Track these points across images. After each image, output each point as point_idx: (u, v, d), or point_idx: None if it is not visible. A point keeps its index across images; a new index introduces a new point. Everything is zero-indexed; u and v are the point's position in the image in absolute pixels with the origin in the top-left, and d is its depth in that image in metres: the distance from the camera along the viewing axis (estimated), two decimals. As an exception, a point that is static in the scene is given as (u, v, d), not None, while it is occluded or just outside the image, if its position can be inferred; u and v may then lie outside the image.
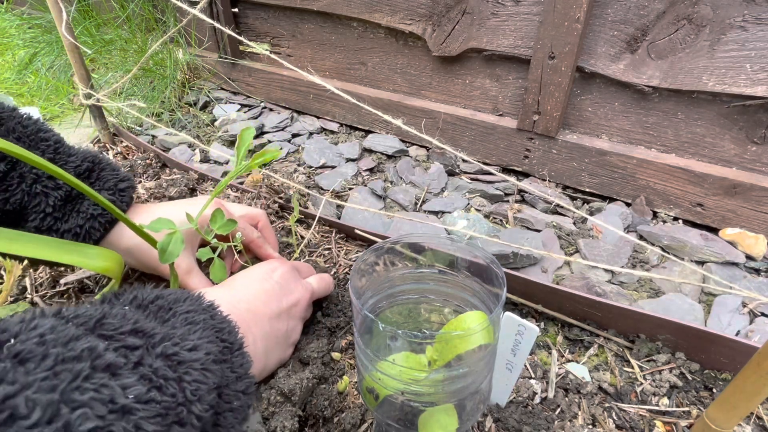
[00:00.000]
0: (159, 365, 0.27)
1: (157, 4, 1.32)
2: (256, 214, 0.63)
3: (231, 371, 0.34)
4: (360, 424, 0.46)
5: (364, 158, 1.01)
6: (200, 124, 1.15)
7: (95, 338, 0.25)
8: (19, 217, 0.50)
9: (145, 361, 0.26)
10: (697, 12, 0.67)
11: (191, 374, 0.29)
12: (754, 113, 0.69)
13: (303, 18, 1.11)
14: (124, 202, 0.56)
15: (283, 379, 0.45)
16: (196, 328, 0.33)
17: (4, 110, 0.50)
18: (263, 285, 0.49)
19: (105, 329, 0.27)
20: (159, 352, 0.28)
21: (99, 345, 0.24)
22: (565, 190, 0.89)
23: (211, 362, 0.31)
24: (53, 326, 0.24)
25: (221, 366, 0.33)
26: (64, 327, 0.24)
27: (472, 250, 0.41)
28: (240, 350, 0.36)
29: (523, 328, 0.40)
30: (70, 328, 0.24)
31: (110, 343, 0.26)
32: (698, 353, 0.52)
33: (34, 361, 0.21)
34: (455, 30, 0.88)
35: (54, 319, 0.25)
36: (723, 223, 0.75)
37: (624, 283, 0.67)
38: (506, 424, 0.46)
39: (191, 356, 0.29)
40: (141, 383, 0.25)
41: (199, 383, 0.29)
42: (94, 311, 0.28)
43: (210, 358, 0.31)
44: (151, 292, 0.35)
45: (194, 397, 0.28)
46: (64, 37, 0.85)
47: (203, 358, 0.30)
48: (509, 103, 0.90)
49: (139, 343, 0.27)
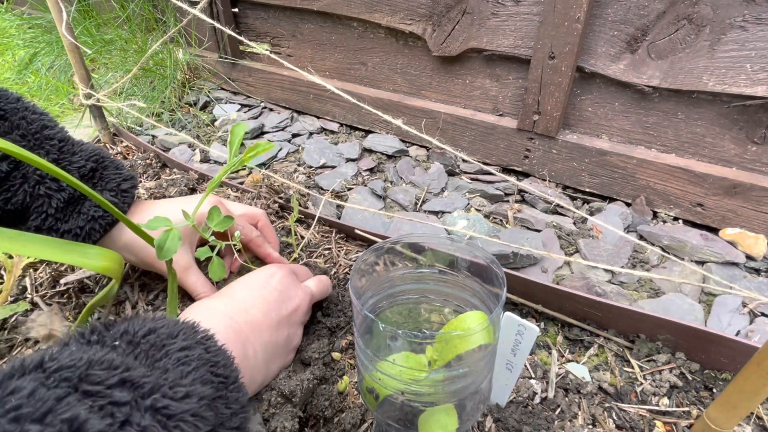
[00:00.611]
0: (147, 423, 0.25)
1: (157, 4, 1.32)
2: (256, 213, 0.63)
3: (226, 407, 0.33)
4: (360, 424, 0.46)
5: (364, 158, 1.01)
6: (200, 124, 1.15)
7: (78, 399, 0.23)
8: (21, 217, 0.50)
9: (133, 419, 0.25)
10: (697, 12, 0.67)
11: (182, 428, 0.27)
12: (754, 113, 0.69)
13: (303, 18, 1.11)
14: (126, 202, 0.56)
15: (283, 380, 0.45)
16: (189, 369, 0.31)
17: (10, 101, 0.49)
18: (262, 293, 0.48)
19: (90, 383, 0.25)
20: (148, 405, 0.26)
21: (80, 413, 0.22)
22: (565, 190, 0.89)
23: (205, 408, 0.30)
24: (32, 391, 0.22)
25: (216, 405, 0.32)
26: (43, 392, 0.23)
27: (472, 250, 0.41)
28: (235, 383, 0.35)
29: (523, 328, 0.40)
30: (51, 392, 0.23)
31: (95, 400, 0.24)
32: (698, 353, 0.52)
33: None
34: (455, 30, 0.88)
35: (33, 378, 0.23)
36: (723, 223, 0.75)
37: (624, 283, 0.67)
38: (506, 424, 0.46)
39: (183, 407, 0.28)
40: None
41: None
42: (79, 360, 0.26)
43: (204, 403, 0.30)
44: (144, 324, 0.33)
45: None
46: (64, 37, 0.85)
47: (195, 407, 0.29)
48: (509, 103, 0.90)
49: (126, 399, 0.25)
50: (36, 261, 0.65)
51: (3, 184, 0.48)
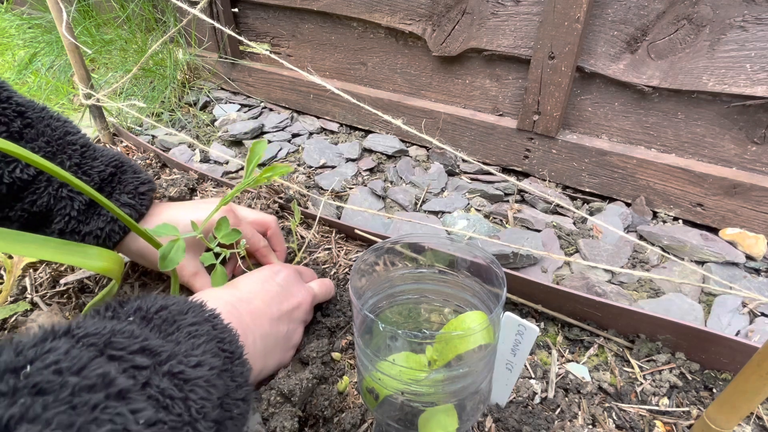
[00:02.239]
0: (166, 385, 0.27)
1: (157, 4, 1.32)
2: (267, 220, 0.62)
3: (231, 380, 0.35)
4: (360, 424, 0.46)
5: (364, 158, 1.01)
6: (200, 124, 1.15)
7: (106, 361, 0.26)
8: (45, 219, 0.51)
9: (153, 381, 0.27)
10: (697, 12, 0.67)
11: (197, 392, 0.29)
12: (754, 113, 0.69)
13: (303, 18, 1.11)
14: (143, 205, 0.56)
15: (283, 379, 0.45)
16: (199, 342, 0.33)
17: (36, 110, 0.51)
18: (265, 286, 0.49)
19: (114, 348, 0.27)
20: (165, 371, 0.28)
21: (111, 370, 0.25)
22: (565, 190, 0.89)
23: (215, 376, 0.32)
24: (67, 350, 0.24)
25: (223, 377, 0.33)
26: (77, 351, 0.25)
27: (472, 250, 0.41)
28: (240, 359, 0.36)
29: (523, 328, 0.40)
30: (83, 352, 0.25)
31: (120, 363, 0.26)
32: (698, 353, 0.52)
33: (52, 394, 0.21)
34: (455, 30, 0.88)
35: (66, 341, 0.25)
36: (723, 223, 0.75)
37: (624, 283, 0.67)
38: (506, 424, 0.46)
39: (196, 373, 0.30)
40: (149, 405, 0.25)
41: (204, 400, 0.29)
42: (103, 329, 0.28)
43: (214, 372, 0.32)
44: (155, 301, 0.35)
45: (199, 416, 0.29)
46: (64, 37, 0.85)
47: (207, 374, 0.31)
48: (509, 103, 0.90)
49: (146, 363, 0.27)
50: (36, 261, 0.65)
51: (29, 187, 0.49)
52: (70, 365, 0.23)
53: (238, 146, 1.08)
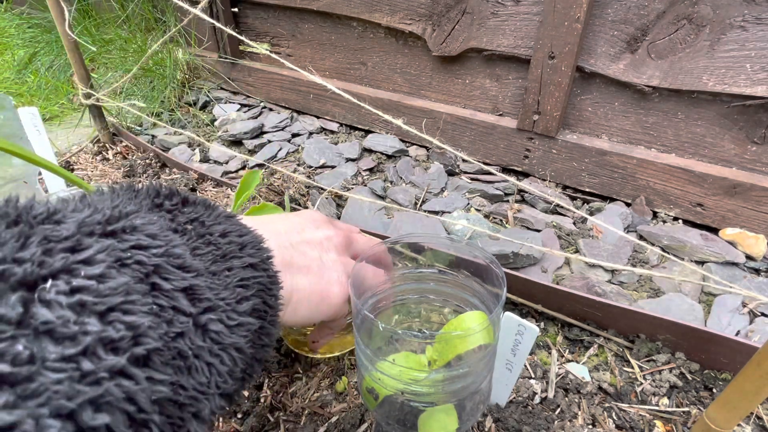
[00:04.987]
0: (200, 343, 0.23)
1: (157, 3, 1.32)
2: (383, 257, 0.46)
3: (260, 339, 0.30)
4: (360, 424, 0.46)
5: (364, 158, 1.01)
6: (200, 123, 1.15)
7: (143, 295, 0.20)
8: None
9: (189, 333, 0.22)
10: (697, 12, 0.67)
11: (223, 360, 0.24)
12: (754, 113, 0.69)
13: (303, 18, 1.11)
14: None
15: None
16: (247, 294, 0.28)
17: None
18: (290, 219, 0.41)
19: (161, 277, 0.22)
20: (202, 324, 0.23)
21: (144, 322, 0.19)
22: (565, 190, 0.89)
23: (249, 344, 0.27)
24: (103, 274, 0.19)
25: (254, 339, 0.29)
26: (114, 274, 0.20)
27: (472, 250, 0.41)
28: (275, 316, 0.31)
29: (523, 328, 0.40)
30: (121, 278, 0.20)
31: (159, 299, 0.21)
32: (698, 353, 0.52)
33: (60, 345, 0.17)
34: (455, 30, 0.88)
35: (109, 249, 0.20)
36: (723, 223, 0.75)
37: (624, 283, 0.67)
38: (506, 424, 0.46)
39: (232, 338, 0.25)
40: (174, 364, 0.21)
41: (229, 372, 0.25)
42: (158, 247, 0.23)
43: (249, 338, 0.27)
44: (218, 221, 0.29)
45: (218, 390, 0.24)
46: (65, 36, 0.85)
47: (242, 342, 0.26)
48: (509, 103, 0.90)
49: (189, 310, 0.23)
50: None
51: None
52: (97, 302, 0.18)
53: (238, 146, 1.08)
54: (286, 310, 0.34)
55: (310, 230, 0.40)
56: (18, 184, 0.69)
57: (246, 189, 0.52)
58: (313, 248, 0.39)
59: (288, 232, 0.38)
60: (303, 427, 0.47)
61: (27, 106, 0.76)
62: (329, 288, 0.37)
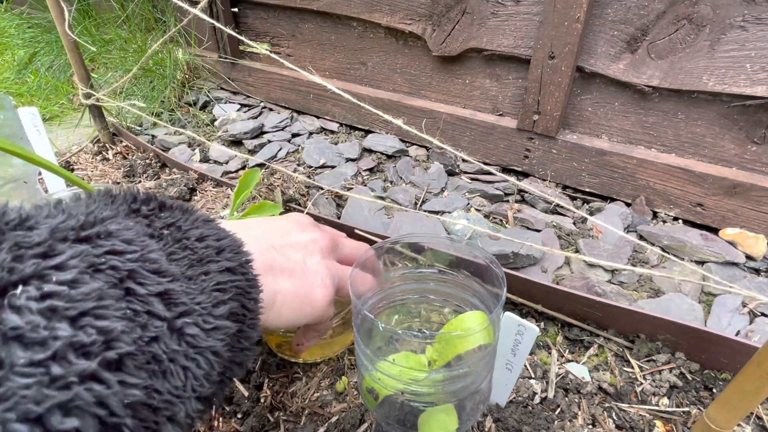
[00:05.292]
0: (174, 347, 0.23)
1: (157, 3, 1.32)
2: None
3: (239, 342, 0.29)
4: (360, 424, 0.46)
5: (364, 158, 1.01)
6: (200, 123, 1.15)
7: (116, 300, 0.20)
8: None
9: (163, 337, 0.22)
10: (697, 12, 0.67)
11: (199, 363, 0.24)
12: (754, 113, 0.69)
13: (303, 18, 1.11)
14: None
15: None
16: (224, 298, 0.28)
17: None
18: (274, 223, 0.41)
19: (136, 282, 0.22)
20: (178, 328, 0.23)
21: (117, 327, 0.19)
22: (565, 190, 0.89)
23: (227, 348, 0.27)
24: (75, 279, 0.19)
25: (233, 342, 0.29)
26: (87, 279, 0.20)
27: (472, 250, 0.41)
28: (254, 320, 0.31)
29: (523, 328, 0.40)
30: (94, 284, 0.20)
31: (133, 304, 0.21)
32: (698, 353, 0.52)
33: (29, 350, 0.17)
34: (455, 30, 0.88)
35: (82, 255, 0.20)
36: (723, 223, 0.75)
37: (624, 283, 0.67)
38: (506, 424, 0.46)
39: (208, 342, 0.25)
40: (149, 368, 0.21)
41: (206, 376, 0.25)
42: (133, 252, 0.23)
43: (226, 341, 0.27)
44: (195, 225, 0.29)
45: (194, 393, 0.24)
46: (65, 36, 0.85)
47: (218, 345, 0.26)
48: (509, 103, 0.90)
49: (164, 314, 0.23)
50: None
51: None
52: (67, 307, 0.18)
53: (238, 146, 1.08)
54: (269, 313, 0.34)
55: (295, 233, 0.40)
56: (18, 184, 0.69)
57: (245, 188, 0.52)
58: (297, 251, 0.39)
59: (270, 236, 0.38)
60: (303, 427, 0.47)
61: (27, 106, 0.76)
62: (313, 291, 0.37)
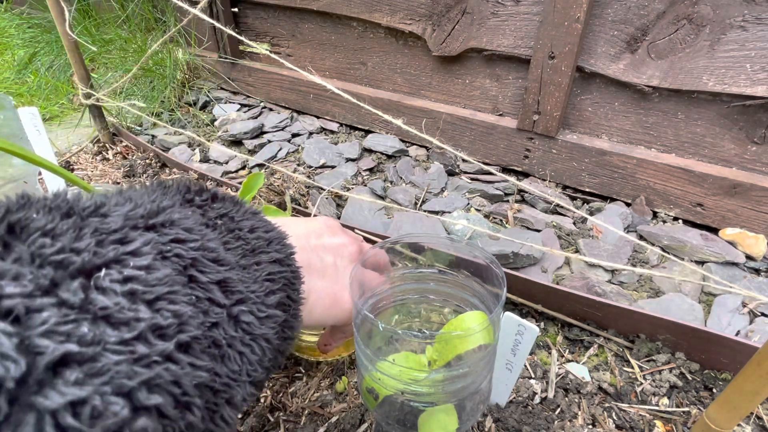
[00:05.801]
0: (232, 333, 0.24)
1: (157, 4, 1.32)
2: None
3: (284, 332, 0.30)
4: (360, 424, 0.46)
5: (364, 158, 1.01)
6: (200, 123, 1.15)
7: (182, 286, 0.22)
8: None
9: (223, 323, 0.23)
10: (697, 12, 0.67)
11: (254, 350, 0.25)
12: (754, 113, 0.69)
13: (303, 18, 1.11)
14: None
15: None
16: (274, 288, 0.29)
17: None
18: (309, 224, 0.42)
19: (198, 270, 0.23)
20: (234, 314, 0.25)
21: (187, 311, 0.21)
22: (565, 190, 0.89)
23: (277, 335, 0.28)
24: (149, 265, 0.20)
25: (279, 331, 0.29)
26: (158, 265, 0.21)
27: (472, 250, 0.41)
28: (297, 310, 0.32)
29: (523, 328, 0.40)
30: (164, 270, 0.21)
31: (195, 290, 0.22)
32: (698, 353, 0.52)
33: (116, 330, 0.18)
34: (455, 30, 0.88)
35: (152, 243, 0.21)
36: (723, 223, 0.75)
37: (624, 283, 0.67)
38: (506, 424, 0.46)
39: (261, 329, 0.26)
40: (210, 352, 0.22)
41: (259, 362, 0.26)
42: (194, 241, 0.24)
43: (276, 329, 0.28)
44: (245, 216, 0.30)
45: (249, 378, 0.25)
46: (65, 36, 0.85)
47: (270, 333, 0.27)
48: (509, 103, 0.90)
49: (223, 301, 0.24)
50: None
51: None
52: (146, 290, 0.19)
53: (238, 146, 1.08)
54: (303, 309, 0.35)
55: (327, 236, 0.42)
56: (18, 184, 0.69)
57: (249, 191, 0.52)
58: (329, 253, 0.40)
59: (307, 236, 0.40)
60: (303, 427, 0.47)
61: (27, 106, 0.76)
62: (343, 293, 0.39)
